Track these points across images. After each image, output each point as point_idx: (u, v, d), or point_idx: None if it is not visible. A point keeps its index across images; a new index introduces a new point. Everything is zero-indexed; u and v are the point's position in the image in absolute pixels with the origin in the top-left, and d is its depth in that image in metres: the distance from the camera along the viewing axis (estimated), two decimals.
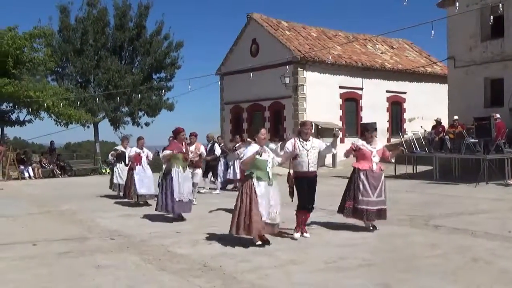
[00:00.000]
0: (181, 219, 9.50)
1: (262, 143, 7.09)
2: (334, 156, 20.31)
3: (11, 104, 24.98)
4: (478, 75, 18.88)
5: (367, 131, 8.28)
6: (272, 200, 6.98)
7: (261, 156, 6.93)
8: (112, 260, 6.52)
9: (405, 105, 26.10)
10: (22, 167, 22.60)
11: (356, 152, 8.08)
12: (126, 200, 12.31)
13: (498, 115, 15.87)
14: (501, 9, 13.87)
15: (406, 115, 26.00)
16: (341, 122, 23.34)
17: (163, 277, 5.67)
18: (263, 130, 7.23)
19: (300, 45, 23.49)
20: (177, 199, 9.21)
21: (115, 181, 13.51)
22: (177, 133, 9.65)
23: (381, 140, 7.94)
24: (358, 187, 7.89)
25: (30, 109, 24.58)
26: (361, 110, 24.23)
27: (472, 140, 15.48)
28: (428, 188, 14.30)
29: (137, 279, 5.59)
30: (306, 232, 7.63)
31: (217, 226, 8.39)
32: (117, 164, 13.52)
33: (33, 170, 22.93)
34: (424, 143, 18.37)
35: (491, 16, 15.11)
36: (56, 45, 27.27)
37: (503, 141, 15.24)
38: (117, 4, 29.06)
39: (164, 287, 5.31)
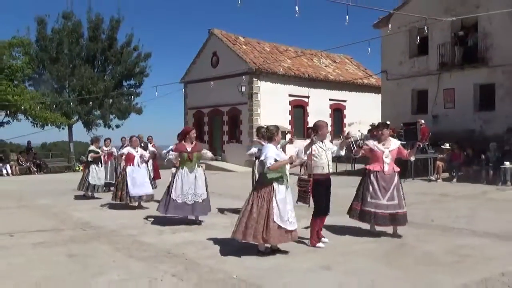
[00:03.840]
0: (196, 222, 8.07)
1: (277, 143, 5.94)
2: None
3: None
4: (407, 86, 19.38)
5: (376, 128, 7.28)
6: (289, 205, 5.79)
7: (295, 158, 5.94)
8: (84, 249, 6.35)
9: (345, 112, 26.55)
10: (0, 164, 21.72)
11: (367, 152, 6.99)
12: (98, 197, 11.80)
13: (423, 121, 16.30)
14: (426, 31, 14.30)
15: (346, 120, 26.45)
16: (290, 126, 23.52)
17: (131, 263, 5.57)
18: (273, 128, 5.96)
19: (255, 58, 23.56)
20: (177, 200, 7.85)
21: (91, 182, 11.76)
22: (186, 133, 8.14)
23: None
24: (367, 189, 6.72)
25: (8, 111, 23.86)
26: (308, 116, 24.48)
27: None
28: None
29: (107, 266, 5.47)
30: (324, 237, 6.48)
31: (180, 217, 8.29)
32: (92, 165, 11.90)
33: (11, 167, 22.07)
34: (361, 144, 18.70)
35: (418, 37, 15.52)
36: (34, 53, 26.53)
37: (427, 143, 15.71)
38: (90, 17, 28.60)
39: (132, 272, 5.22)
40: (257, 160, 7.68)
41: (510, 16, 15.96)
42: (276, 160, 5.66)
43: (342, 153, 6.62)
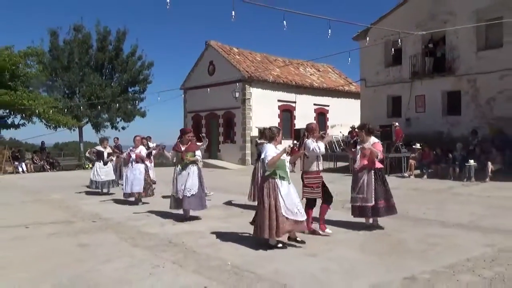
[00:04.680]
0: (189, 218, 7.73)
1: (277, 143, 5.76)
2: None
3: (7, 111, 23.92)
4: (383, 93, 19.48)
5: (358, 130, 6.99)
6: (294, 198, 5.59)
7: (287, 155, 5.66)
8: (93, 239, 6.31)
9: (328, 115, 26.64)
10: (16, 163, 21.48)
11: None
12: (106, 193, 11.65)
13: (397, 124, 16.38)
14: (400, 43, 14.38)
15: (329, 123, 26.55)
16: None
17: (135, 252, 5.55)
18: (275, 129, 5.81)
19: (247, 67, 23.56)
20: (174, 196, 7.65)
21: (92, 178, 11.66)
22: (183, 133, 7.98)
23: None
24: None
25: (24, 115, 23.67)
26: (294, 119, 24.55)
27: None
28: (344, 179, 14.54)
29: (113, 254, 5.44)
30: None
31: (180, 211, 8.27)
32: (96, 163, 11.79)
33: (26, 165, 21.84)
34: (342, 144, 18.78)
35: (393, 49, 15.62)
36: (47, 62, 26.30)
37: (401, 143, 15.78)
38: (99, 30, 28.46)
39: (137, 259, 5.19)
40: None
41: (474, 31, 16.13)
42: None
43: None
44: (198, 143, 8.08)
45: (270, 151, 5.57)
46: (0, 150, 20.93)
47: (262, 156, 5.63)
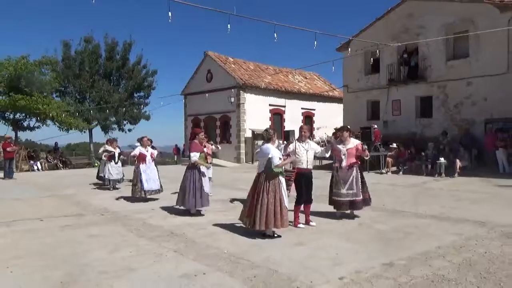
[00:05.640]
0: (199, 213, 7.43)
1: (273, 143, 5.72)
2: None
3: (24, 114, 23.72)
4: (363, 98, 19.56)
5: (338, 131, 7.02)
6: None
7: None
8: (102, 230, 6.25)
9: (314, 118, 26.70)
10: (32, 161, 21.28)
11: (333, 151, 6.80)
12: (110, 187, 11.49)
13: (375, 126, 16.47)
14: (378, 54, 14.49)
15: (315, 125, 26.61)
16: None
17: (141, 242, 5.51)
18: (271, 131, 5.76)
19: (241, 75, 23.53)
20: (209, 194, 7.35)
21: (106, 176, 11.47)
22: (196, 134, 7.66)
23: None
24: (332, 181, 6.82)
25: (38, 118, 23.49)
26: (284, 121, 24.56)
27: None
28: (328, 176, 14.59)
29: (121, 244, 5.39)
30: (311, 221, 6.33)
31: (182, 206, 8.22)
32: (109, 162, 11.54)
33: (41, 164, 21.64)
34: (326, 144, 18.80)
35: (372, 58, 15.68)
36: (60, 70, 26.12)
37: (379, 143, 15.87)
38: (107, 41, 28.36)
39: (142, 249, 5.16)
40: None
41: (444, 43, 16.25)
42: (280, 158, 5.50)
43: (327, 155, 6.62)
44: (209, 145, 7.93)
45: (275, 152, 5.53)
46: (17, 150, 20.74)
47: (270, 156, 5.47)
